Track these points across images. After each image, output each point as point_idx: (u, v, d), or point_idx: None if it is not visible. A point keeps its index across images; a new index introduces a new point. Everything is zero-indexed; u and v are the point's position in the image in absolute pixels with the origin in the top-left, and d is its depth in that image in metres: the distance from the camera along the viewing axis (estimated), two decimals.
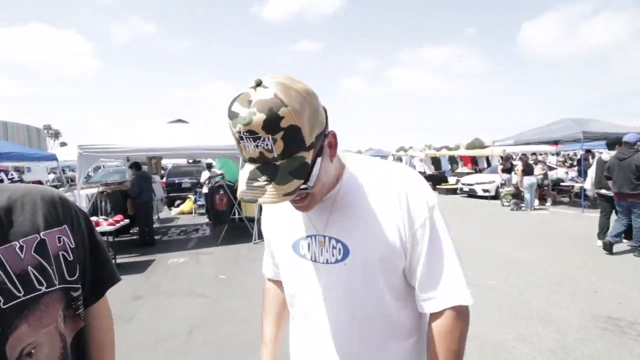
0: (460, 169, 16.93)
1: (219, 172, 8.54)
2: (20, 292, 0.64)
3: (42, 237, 0.70)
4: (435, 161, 17.67)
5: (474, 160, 17.60)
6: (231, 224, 6.79)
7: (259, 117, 0.56)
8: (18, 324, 0.62)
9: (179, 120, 7.50)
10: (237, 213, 6.90)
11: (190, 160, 12.44)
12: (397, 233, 0.71)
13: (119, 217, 5.48)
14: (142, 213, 6.26)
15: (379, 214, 0.72)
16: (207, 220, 8.11)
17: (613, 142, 5.42)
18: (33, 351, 0.63)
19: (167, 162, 14.22)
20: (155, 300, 3.78)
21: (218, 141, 6.59)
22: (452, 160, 17.97)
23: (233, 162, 8.79)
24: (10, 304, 0.62)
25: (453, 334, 0.71)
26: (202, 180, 8.69)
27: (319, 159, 0.65)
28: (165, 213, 10.03)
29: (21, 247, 0.66)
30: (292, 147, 0.58)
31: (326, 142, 0.67)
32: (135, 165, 6.47)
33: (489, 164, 15.99)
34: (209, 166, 9.67)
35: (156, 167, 7.83)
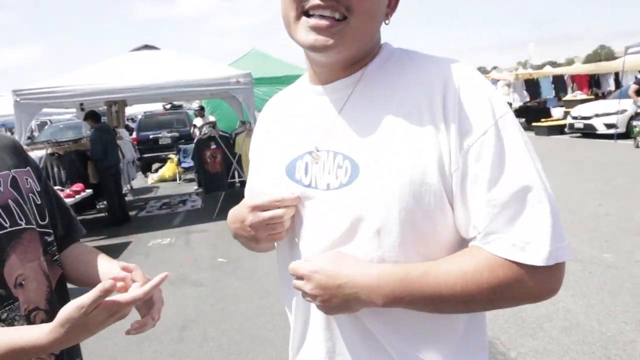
0: (572, 95, 16.21)
1: (210, 118, 8.81)
2: (6, 222, 0.89)
3: (13, 174, 0.95)
4: (532, 85, 16.87)
5: (593, 82, 16.62)
6: (229, 191, 7.06)
7: None
8: (10, 252, 0.88)
9: (146, 47, 7.60)
10: (236, 175, 7.12)
11: (168, 105, 12.82)
12: (435, 148, 0.70)
13: (78, 186, 5.91)
14: (109, 180, 6.65)
15: (413, 115, 0.73)
16: (197, 188, 8.46)
17: None
18: (23, 282, 0.89)
19: (135, 110, 14.72)
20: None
21: (205, 73, 6.74)
22: (559, 82, 17.17)
23: (228, 104, 9.02)
24: (1, 232, 0.87)
25: (506, 287, 0.68)
26: (194, 131, 8.92)
27: None
28: (139, 181, 10.56)
29: None
30: None
31: None
32: (93, 116, 6.78)
33: (618, 86, 15.01)
34: (201, 110, 9.93)
35: (118, 118, 8.12)
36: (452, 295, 0.69)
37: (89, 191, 5.98)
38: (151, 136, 11.38)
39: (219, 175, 6.84)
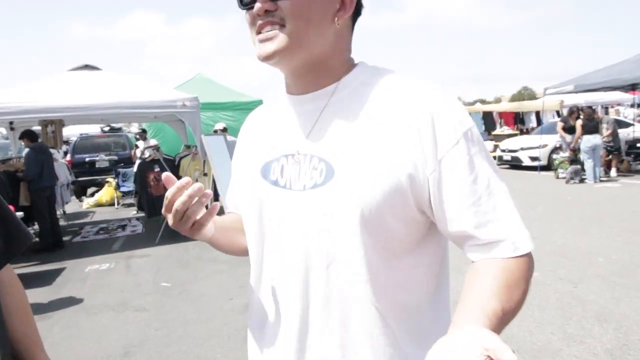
0: (499, 129, 17.43)
1: (152, 142, 8.62)
2: None
3: None
4: None
5: (518, 118, 18.07)
6: None
7: None
8: None
9: (87, 67, 7.38)
10: None
11: (106, 128, 12.36)
12: (409, 155, 0.76)
13: None
14: (43, 203, 6.30)
15: (387, 130, 0.78)
16: (137, 212, 8.26)
17: None
18: None
19: (72, 132, 14.03)
20: (72, 319, 3.95)
21: (150, 95, 6.65)
22: (488, 118, 18.46)
23: (171, 128, 8.86)
24: None
25: (526, 280, 0.76)
26: (136, 153, 8.69)
27: None
28: (73, 206, 10.03)
29: None
30: None
31: None
32: (29, 135, 6.44)
33: (539, 123, 16.44)
34: (143, 133, 9.67)
35: (55, 139, 7.75)
36: (512, 308, 0.71)
37: (19, 214, 5.60)
38: (87, 159, 10.98)
39: (163, 199, 6.54)
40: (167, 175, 0.83)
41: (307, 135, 0.85)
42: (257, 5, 0.77)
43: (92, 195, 10.72)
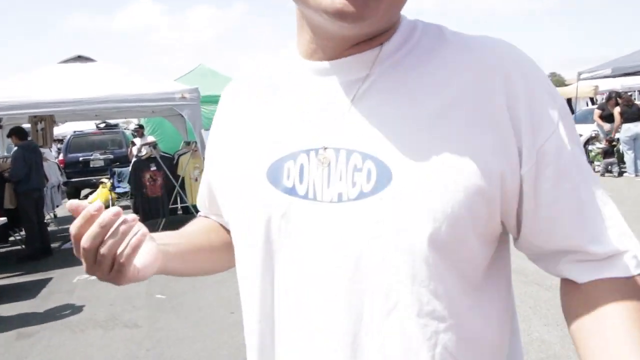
0: None
1: (149, 139, 8.55)
2: None
3: None
4: None
5: None
6: (170, 217, 6.77)
7: None
8: None
9: (79, 58, 7.29)
10: (179, 201, 6.84)
11: (102, 124, 12.35)
12: (498, 148, 0.60)
13: None
14: (30, 206, 6.20)
15: (464, 106, 0.61)
16: (133, 213, 8.06)
17: None
18: None
19: (65, 129, 14.05)
20: (55, 337, 3.79)
21: (146, 88, 6.54)
22: None
23: (170, 124, 8.76)
24: None
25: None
26: (133, 151, 8.65)
27: None
28: (65, 209, 9.91)
29: None
30: None
31: None
32: (18, 132, 6.36)
33: (572, 111, 16.08)
34: (140, 129, 9.61)
35: (45, 136, 7.68)
36: None
37: (3, 219, 5.48)
38: (81, 158, 10.99)
39: (159, 200, 6.58)
40: (71, 204, 0.63)
41: (340, 120, 0.64)
42: None
43: (86, 197, 10.53)
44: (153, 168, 6.62)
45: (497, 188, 0.59)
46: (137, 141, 9.14)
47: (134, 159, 7.49)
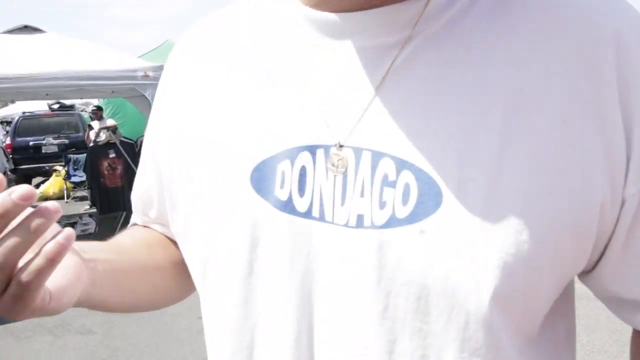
0: None
1: (109, 122, 8.43)
2: None
3: None
4: None
5: None
6: (131, 211, 6.64)
7: None
8: None
9: (26, 28, 7.01)
10: None
11: (55, 105, 12.07)
12: (606, 155, 0.45)
13: None
14: None
15: (555, 99, 0.45)
16: (90, 207, 8.05)
17: None
18: None
19: (12, 110, 13.68)
20: (2, 346, 3.74)
21: (105, 64, 6.35)
22: None
23: (132, 105, 8.59)
24: None
25: None
26: (90, 136, 8.65)
27: None
28: None
29: None
30: None
31: None
32: None
33: None
34: (98, 111, 9.56)
35: None
36: None
37: None
38: (32, 143, 10.80)
39: (119, 191, 6.48)
40: None
41: (365, 107, 0.48)
42: None
43: (38, 186, 10.47)
44: (112, 155, 6.49)
45: (595, 221, 0.46)
46: (95, 124, 9.07)
47: (91, 144, 7.33)
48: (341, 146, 0.49)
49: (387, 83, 0.48)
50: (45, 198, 9.76)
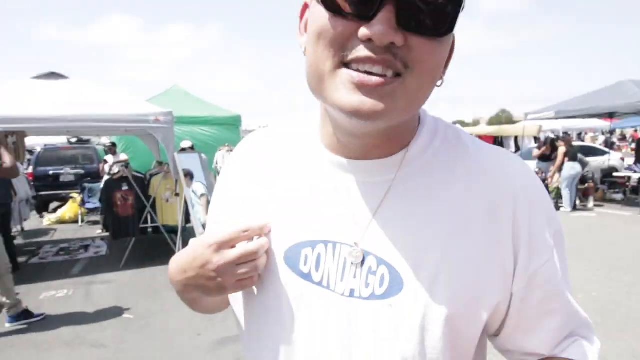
0: None
1: (122, 157, 8.40)
2: None
3: None
4: None
5: (497, 142, 18.44)
6: (140, 236, 6.67)
7: None
8: None
9: (53, 74, 7.05)
10: (149, 220, 6.76)
11: (73, 140, 12.01)
12: (499, 269, 0.63)
13: None
14: None
15: (473, 225, 0.62)
16: (102, 231, 7.95)
17: None
18: None
19: (36, 141, 13.47)
20: (20, 356, 3.68)
21: (121, 108, 6.43)
22: None
23: (144, 143, 8.62)
24: None
25: None
26: (105, 168, 8.52)
27: (452, 34, 0.58)
28: (33, 222, 9.64)
29: None
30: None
31: (452, 40, 0.61)
32: None
33: (518, 147, 16.81)
34: (113, 147, 9.47)
35: (17, 150, 7.45)
36: None
37: None
38: (51, 172, 10.57)
39: (130, 220, 6.43)
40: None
41: (364, 222, 0.64)
42: (381, 26, 0.50)
43: (55, 210, 10.30)
44: (125, 187, 6.47)
45: (492, 307, 0.63)
46: (110, 158, 8.98)
47: (106, 177, 7.32)
48: (349, 245, 0.64)
49: (382, 207, 0.64)
50: (62, 222, 9.65)
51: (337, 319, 0.63)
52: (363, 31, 0.51)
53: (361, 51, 0.52)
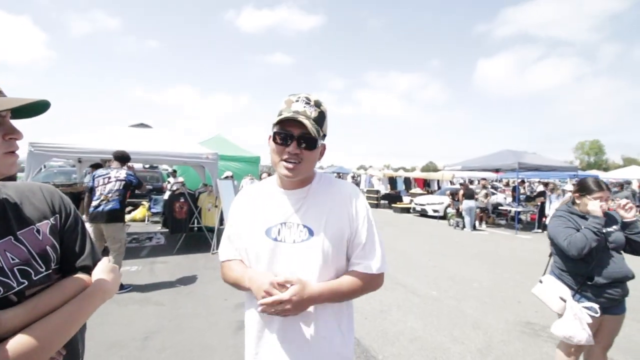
0: (414, 189, 17.95)
1: (180, 179, 8.39)
2: (42, 267, 0.78)
3: (52, 221, 0.83)
4: (392, 181, 18.55)
5: (426, 183, 18.84)
6: (188, 233, 6.63)
7: (313, 96, 1.02)
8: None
9: (142, 124, 7.22)
10: (196, 222, 6.76)
11: (147, 165, 11.96)
12: (347, 222, 1.03)
13: None
14: None
15: (336, 208, 1.03)
16: (161, 228, 7.83)
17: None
18: None
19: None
20: (106, 309, 3.61)
21: (181, 148, 6.54)
22: (407, 181, 19.02)
23: (194, 171, 8.69)
24: (38, 276, 0.76)
25: (363, 287, 1.03)
26: (169, 187, 8.46)
27: (318, 146, 1.01)
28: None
29: (38, 230, 0.80)
30: (319, 121, 1.00)
31: (322, 147, 1.05)
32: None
33: (439, 187, 17.20)
34: (174, 172, 9.46)
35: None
36: (344, 293, 1.01)
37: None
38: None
39: (183, 221, 6.44)
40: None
41: (296, 211, 1.04)
42: (292, 148, 0.97)
43: (129, 212, 10.05)
44: (181, 200, 6.51)
45: (345, 236, 1.03)
46: (171, 180, 8.93)
47: (169, 192, 7.31)
48: (289, 222, 1.03)
49: (302, 205, 1.04)
50: (134, 220, 9.47)
51: (289, 253, 1.01)
52: (287, 149, 0.99)
53: (285, 154, 0.99)
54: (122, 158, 4.72)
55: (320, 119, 0.99)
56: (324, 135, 1.03)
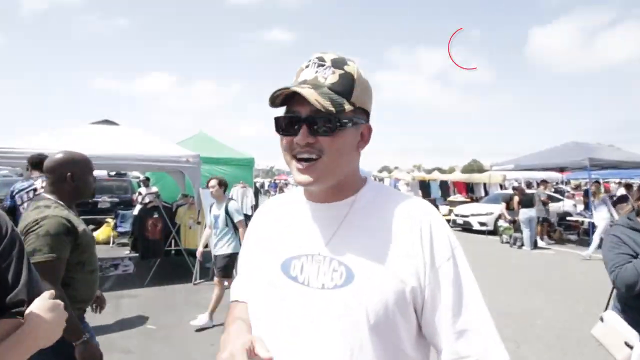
0: (454, 196, 17.64)
1: (154, 189, 8.44)
2: None
3: None
4: (424, 186, 18.26)
5: (469, 187, 18.55)
6: (164, 258, 6.64)
7: (331, 55, 0.82)
8: None
9: (106, 121, 7.24)
10: (173, 244, 6.75)
11: (112, 173, 12.08)
12: (414, 266, 0.78)
13: None
14: None
15: (397, 239, 0.79)
16: (130, 252, 7.86)
17: None
18: None
19: None
20: None
21: (154, 150, 6.57)
22: (444, 185, 18.77)
23: (171, 178, 8.72)
24: None
25: None
26: (139, 199, 8.53)
27: (349, 127, 0.81)
28: None
29: None
30: (341, 87, 0.79)
31: (362, 127, 0.85)
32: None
33: (486, 192, 16.90)
34: (146, 180, 9.49)
35: None
36: None
37: None
38: (90, 200, 10.53)
39: (158, 242, 6.44)
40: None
41: (329, 239, 0.83)
42: (300, 137, 0.78)
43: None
44: (155, 215, 6.51)
45: (410, 293, 0.78)
46: (143, 190, 8.97)
47: (139, 206, 7.34)
48: (319, 254, 0.82)
49: (339, 230, 0.83)
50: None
51: (311, 306, 0.79)
52: (289, 139, 0.80)
53: (295, 149, 0.80)
54: (42, 164, 4.74)
55: (346, 84, 0.78)
56: (362, 110, 0.82)
